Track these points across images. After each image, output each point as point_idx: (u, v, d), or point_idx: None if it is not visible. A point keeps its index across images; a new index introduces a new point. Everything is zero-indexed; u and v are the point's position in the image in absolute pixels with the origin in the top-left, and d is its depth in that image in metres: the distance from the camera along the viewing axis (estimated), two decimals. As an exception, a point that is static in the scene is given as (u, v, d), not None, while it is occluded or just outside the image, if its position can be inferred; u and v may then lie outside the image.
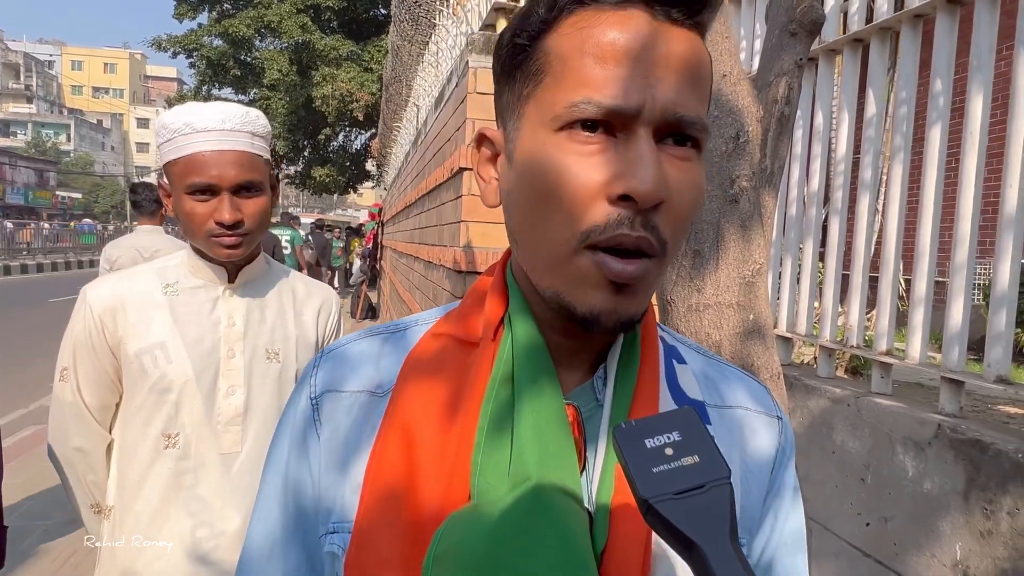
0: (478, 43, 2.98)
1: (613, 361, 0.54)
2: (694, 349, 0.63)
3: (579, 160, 0.47)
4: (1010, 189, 1.79)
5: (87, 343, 1.22)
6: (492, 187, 0.56)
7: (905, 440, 1.88)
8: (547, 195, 0.48)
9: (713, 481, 0.38)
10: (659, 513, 0.37)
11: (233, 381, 1.24)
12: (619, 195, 0.46)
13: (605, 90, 0.46)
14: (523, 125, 0.51)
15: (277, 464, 0.59)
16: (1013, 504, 1.53)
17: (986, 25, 1.91)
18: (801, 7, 1.32)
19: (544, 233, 0.49)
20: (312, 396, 0.57)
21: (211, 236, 1.19)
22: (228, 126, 1.19)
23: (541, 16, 0.50)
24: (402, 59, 7.47)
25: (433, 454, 0.50)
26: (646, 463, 0.38)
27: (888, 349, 2.18)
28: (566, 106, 0.47)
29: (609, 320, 0.49)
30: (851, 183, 2.51)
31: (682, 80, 0.48)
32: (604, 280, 0.48)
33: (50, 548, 3.34)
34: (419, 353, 0.56)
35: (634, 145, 0.47)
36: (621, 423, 0.40)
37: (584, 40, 0.48)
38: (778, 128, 1.35)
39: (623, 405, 0.52)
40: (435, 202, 4.27)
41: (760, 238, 1.30)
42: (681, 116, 0.47)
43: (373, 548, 0.49)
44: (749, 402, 0.61)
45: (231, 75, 18.48)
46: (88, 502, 1.29)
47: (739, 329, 1.26)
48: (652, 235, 0.47)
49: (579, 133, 0.47)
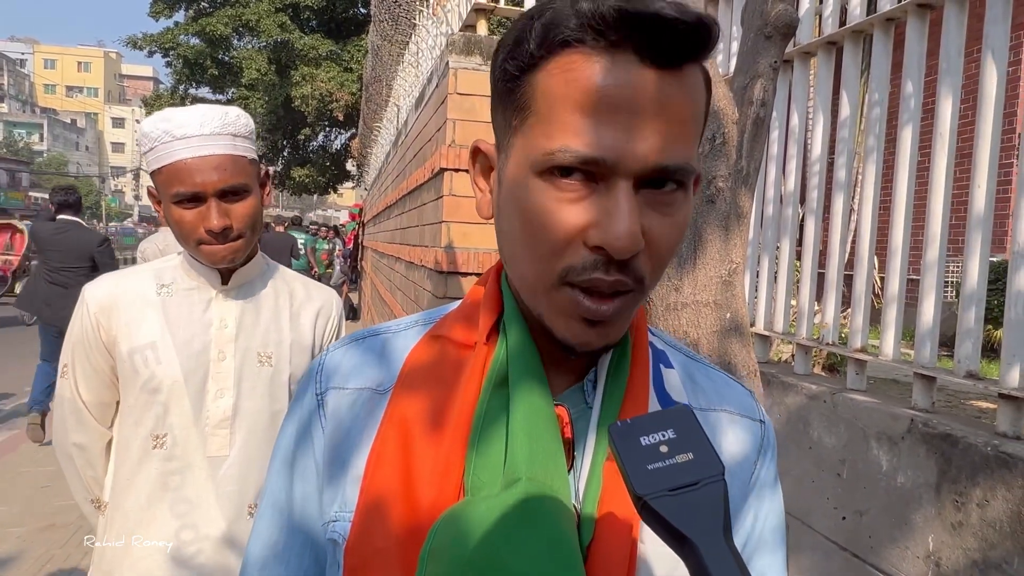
0: (458, 44, 2.99)
1: (603, 366, 0.56)
2: (681, 352, 0.65)
3: (557, 206, 0.48)
4: (978, 189, 1.84)
5: (84, 341, 1.23)
6: (486, 199, 0.58)
7: (879, 435, 1.91)
8: (528, 233, 0.50)
9: (707, 478, 0.38)
10: (654, 510, 0.37)
11: (222, 384, 1.23)
12: (594, 245, 0.48)
13: (584, 138, 0.46)
14: (512, 155, 0.52)
15: (282, 455, 0.62)
16: (983, 496, 1.57)
17: (955, 29, 1.96)
18: (775, 11, 1.35)
19: (526, 264, 0.52)
20: (317, 392, 0.60)
21: (201, 243, 1.19)
22: (207, 130, 1.17)
23: (531, 50, 0.49)
24: (382, 59, 7.45)
25: (428, 451, 0.52)
26: (641, 460, 0.39)
27: (863, 346, 2.22)
28: (544, 153, 0.48)
29: (584, 349, 0.51)
30: (826, 183, 2.55)
31: (669, 126, 0.47)
32: (579, 316, 0.50)
33: (25, 555, 3.28)
34: (418, 353, 0.59)
35: (612, 195, 0.47)
36: (616, 421, 0.41)
37: (569, 84, 0.47)
38: (754, 129, 1.37)
39: (613, 407, 0.54)
40: (416, 202, 4.27)
41: (737, 238, 1.32)
42: (664, 166, 0.48)
43: (371, 538, 0.52)
44: (732, 406, 0.62)
45: (208, 74, 18.25)
46: (88, 497, 1.30)
47: (717, 327, 1.28)
48: (628, 276, 0.49)
49: (558, 179, 0.48)
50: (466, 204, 3.04)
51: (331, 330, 1.40)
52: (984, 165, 1.83)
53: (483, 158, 0.58)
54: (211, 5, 17.93)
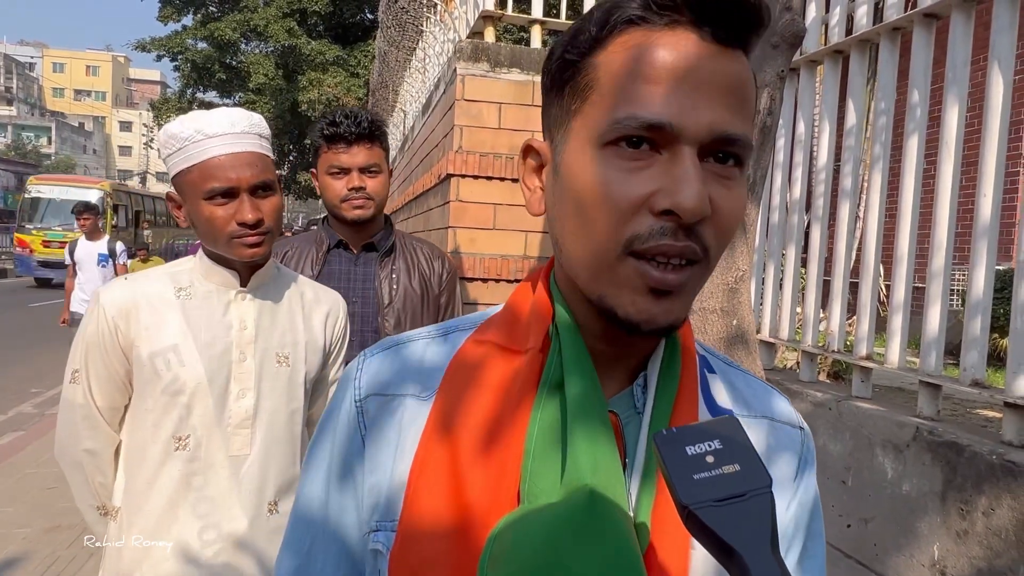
0: (466, 50, 3.00)
1: (654, 369, 0.56)
2: (719, 358, 0.65)
3: (623, 175, 0.48)
4: (984, 198, 1.84)
5: (99, 345, 1.23)
6: (537, 196, 0.57)
7: (884, 443, 1.91)
8: (591, 205, 0.49)
9: (754, 490, 0.38)
10: (699, 519, 0.37)
11: (244, 384, 1.25)
12: (663, 210, 0.47)
13: (650, 107, 0.47)
14: (570, 139, 0.52)
15: (319, 464, 0.60)
16: (988, 504, 1.57)
17: (961, 38, 1.96)
18: (783, 21, 1.36)
19: (588, 240, 0.50)
20: (356, 399, 0.59)
21: (234, 237, 1.21)
22: (238, 129, 1.21)
23: (592, 34, 0.51)
24: (389, 64, 7.48)
25: (480, 458, 0.51)
26: (687, 470, 0.38)
27: (868, 354, 2.22)
28: (611, 123, 0.48)
29: (648, 326, 0.50)
30: (832, 191, 2.55)
31: (729, 99, 0.49)
32: (645, 287, 0.49)
33: (31, 556, 3.30)
34: (463, 358, 0.57)
35: (679, 162, 0.47)
36: (662, 430, 0.41)
37: (632, 58, 0.49)
38: (760, 138, 1.38)
39: (664, 412, 0.54)
40: (422, 207, 4.28)
41: (743, 245, 1.33)
42: (728, 133, 0.48)
43: (419, 547, 0.51)
44: (774, 412, 0.62)
45: (216, 78, 18.39)
46: (94, 504, 1.29)
47: (723, 334, 1.29)
48: (696, 243, 0.48)
49: (624, 149, 0.48)
50: (473, 209, 3.06)
51: (339, 331, 1.43)
52: (990, 174, 1.83)
53: (535, 155, 0.58)
54: (219, 10, 18.07)
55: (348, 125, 1.69)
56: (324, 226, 1.83)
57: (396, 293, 1.78)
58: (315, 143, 1.76)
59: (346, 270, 1.78)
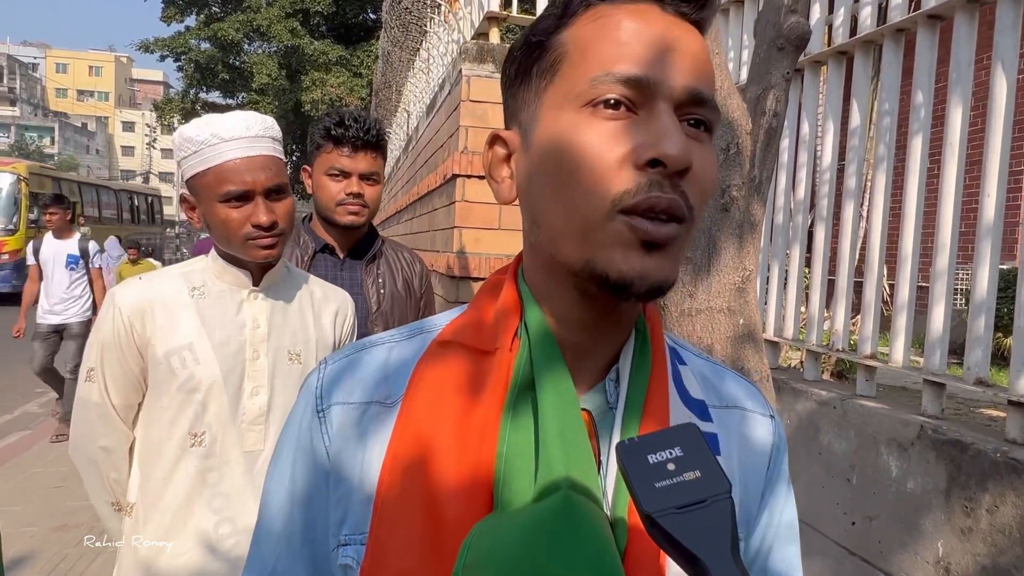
0: (471, 51, 3.02)
1: (626, 362, 0.55)
2: (690, 351, 0.65)
3: (603, 134, 0.49)
4: (988, 198, 1.85)
5: (115, 344, 1.25)
6: (506, 184, 0.56)
7: (889, 441, 1.93)
8: (574, 168, 0.49)
9: (714, 496, 0.39)
10: (662, 527, 0.38)
11: (258, 382, 1.28)
12: (648, 160, 0.47)
13: (625, 63, 0.49)
14: (543, 113, 0.52)
15: (281, 478, 0.58)
16: (992, 502, 1.59)
17: (965, 40, 1.97)
18: (788, 23, 1.37)
19: (573, 204, 0.50)
20: (319, 409, 0.56)
21: (248, 239, 1.23)
22: (253, 132, 1.24)
23: (558, 14, 0.53)
24: (392, 65, 7.50)
25: (451, 464, 0.50)
26: (649, 478, 0.39)
27: (872, 353, 2.23)
28: (587, 82, 0.49)
29: (642, 283, 0.49)
30: (836, 191, 2.57)
31: (697, 64, 0.51)
32: (637, 241, 0.48)
33: (38, 555, 3.32)
34: (428, 361, 0.55)
35: (658, 116, 0.49)
36: (624, 440, 0.41)
37: (601, 27, 0.51)
38: (766, 139, 1.40)
39: (636, 407, 0.53)
40: (427, 208, 4.30)
41: (750, 245, 1.34)
42: (701, 92, 0.50)
43: (391, 559, 0.49)
44: (745, 402, 0.63)
45: (219, 79, 18.40)
46: (108, 499, 1.32)
47: (730, 333, 1.30)
48: (682, 199, 0.49)
49: (602, 110, 0.49)
50: (478, 210, 3.07)
51: (348, 329, 1.46)
52: (994, 173, 1.84)
53: (502, 144, 0.57)
54: (222, 10, 18.09)
55: (357, 130, 1.68)
56: (306, 227, 1.78)
57: (384, 298, 1.77)
58: (315, 141, 1.72)
59: (332, 276, 1.74)
